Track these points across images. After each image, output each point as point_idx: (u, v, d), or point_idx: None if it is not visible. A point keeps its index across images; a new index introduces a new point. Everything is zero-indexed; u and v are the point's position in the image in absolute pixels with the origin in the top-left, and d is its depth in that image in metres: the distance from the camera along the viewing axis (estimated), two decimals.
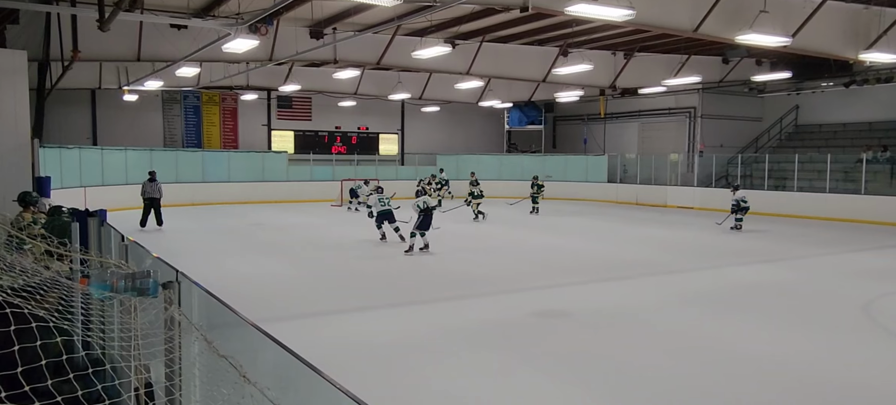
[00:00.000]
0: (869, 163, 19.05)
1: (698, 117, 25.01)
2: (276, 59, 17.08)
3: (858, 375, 5.49)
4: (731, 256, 11.88)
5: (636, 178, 25.65)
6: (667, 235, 15.07)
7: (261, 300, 8.03)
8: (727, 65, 21.51)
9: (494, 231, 15.80)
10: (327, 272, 10.35)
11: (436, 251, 11.97)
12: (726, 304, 8.07)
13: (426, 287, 9.10)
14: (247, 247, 12.89)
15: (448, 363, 5.72)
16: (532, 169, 27.98)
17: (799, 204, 19.60)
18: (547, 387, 5.11)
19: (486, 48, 18.89)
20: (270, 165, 24.99)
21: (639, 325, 7.06)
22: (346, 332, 6.76)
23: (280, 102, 27.30)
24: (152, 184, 15.53)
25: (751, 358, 5.85)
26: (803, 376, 5.42)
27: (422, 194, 13.44)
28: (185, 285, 2.24)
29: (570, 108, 30.10)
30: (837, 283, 9.42)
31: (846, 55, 14.38)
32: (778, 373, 5.46)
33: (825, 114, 23.89)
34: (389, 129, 29.99)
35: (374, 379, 5.28)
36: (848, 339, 6.58)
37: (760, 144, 25.21)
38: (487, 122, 31.91)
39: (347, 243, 13.43)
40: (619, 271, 10.28)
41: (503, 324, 7.07)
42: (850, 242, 13.91)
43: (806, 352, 6.14)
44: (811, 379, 5.36)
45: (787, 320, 7.32)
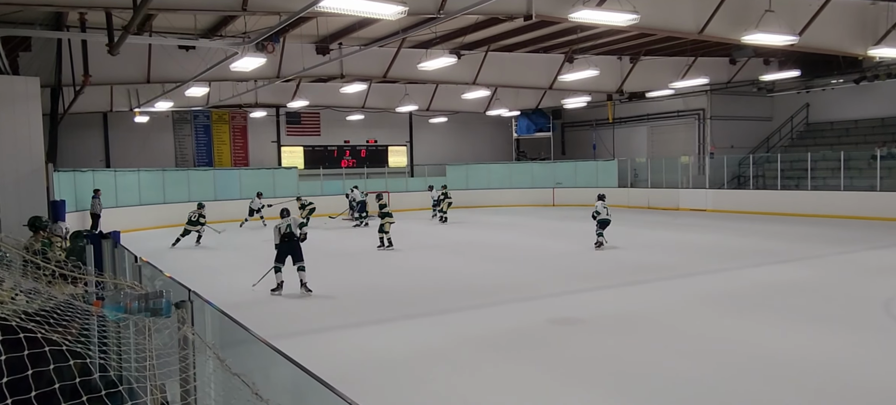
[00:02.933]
0: (883, 159, 18.83)
1: (708, 119, 24.87)
2: (284, 76, 17.23)
3: (883, 375, 5.40)
4: (748, 257, 11.76)
5: (647, 182, 25.52)
6: (681, 238, 14.96)
7: (275, 316, 8.06)
8: (735, 65, 21.42)
9: (506, 239, 15.76)
10: (341, 286, 10.35)
11: (449, 260, 11.96)
12: (745, 306, 7.98)
13: (441, 297, 9.08)
14: (259, 264, 12.93)
15: (468, 373, 5.70)
16: (542, 176, 28.01)
17: (813, 203, 19.40)
18: (564, 394, 5.07)
19: (491, 57, 18.94)
20: (281, 181, 25.12)
21: (659, 329, 7.00)
22: (363, 346, 6.75)
23: (289, 118, 27.50)
24: (95, 200, 17.63)
25: (775, 360, 5.78)
26: (831, 377, 5.34)
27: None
28: (197, 304, 2.25)
29: (578, 114, 30.06)
30: (856, 282, 9.30)
31: (855, 51, 14.26)
32: (804, 375, 5.39)
33: (836, 111, 23.67)
34: (398, 142, 30.09)
35: (392, 392, 5.27)
36: (871, 338, 6.48)
37: (772, 144, 25.01)
38: (496, 131, 31.92)
39: (359, 256, 13.45)
40: (635, 275, 10.20)
41: (521, 332, 7.04)
42: (866, 240, 13.73)
43: (831, 353, 6.05)
44: (838, 380, 5.28)
45: (808, 320, 7.23)
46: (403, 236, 17.38)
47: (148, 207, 21.27)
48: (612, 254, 12.81)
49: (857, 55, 15.11)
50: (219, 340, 2.24)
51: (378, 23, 13.93)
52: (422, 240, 16.45)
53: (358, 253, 14.05)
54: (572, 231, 17.45)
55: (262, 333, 2.07)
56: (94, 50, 13.99)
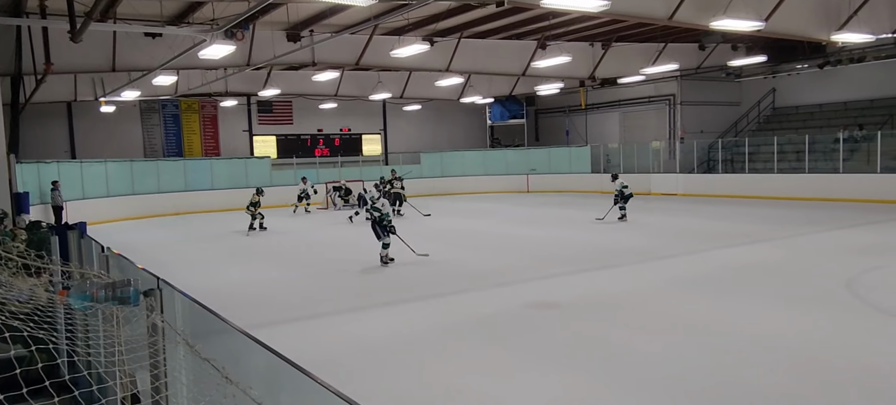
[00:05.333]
0: (845, 142, 19.36)
1: (678, 104, 25.24)
2: (254, 64, 16.97)
3: (850, 351, 5.58)
4: (719, 239, 12.01)
5: (620, 168, 25.80)
6: (654, 222, 15.20)
7: (250, 306, 7.99)
8: (704, 51, 21.74)
9: (481, 225, 15.83)
10: (317, 275, 10.30)
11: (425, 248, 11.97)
12: (718, 286, 8.16)
13: (418, 284, 9.09)
14: (233, 254, 12.80)
15: (447, 358, 5.73)
16: (516, 163, 28.14)
17: (780, 185, 19.87)
18: (547, 377, 5.14)
19: (464, 44, 18.91)
20: (254, 171, 24.78)
21: (637, 312, 7.12)
22: (341, 334, 6.74)
23: (260, 107, 27.11)
24: (55, 192, 17.14)
25: (747, 338, 5.94)
26: (797, 354, 5.49)
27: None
28: (167, 292, 2.22)
29: (551, 101, 30.23)
30: (821, 261, 9.58)
31: (818, 37, 14.59)
32: (773, 352, 5.55)
33: (801, 96, 24.23)
34: (372, 130, 29.93)
35: (372, 377, 5.28)
36: (837, 317, 6.68)
37: (740, 128, 25.50)
38: (470, 119, 31.94)
39: (335, 244, 13.39)
40: (609, 259, 10.35)
41: (500, 318, 7.09)
42: (830, 221, 14.13)
43: (798, 329, 6.23)
44: (805, 356, 5.44)
45: (778, 300, 7.42)
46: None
47: (116, 199, 20.82)
48: (588, 238, 12.97)
49: (821, 41, 15.46)
50: (189, 329, 2.21)
51: (349, 9, 13.79)
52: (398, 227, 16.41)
53: (335, 242, 13.99)
54: (548, 217, 17.61)
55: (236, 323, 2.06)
56: (55, 37, 13.59)
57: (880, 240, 11.42)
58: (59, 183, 17.54)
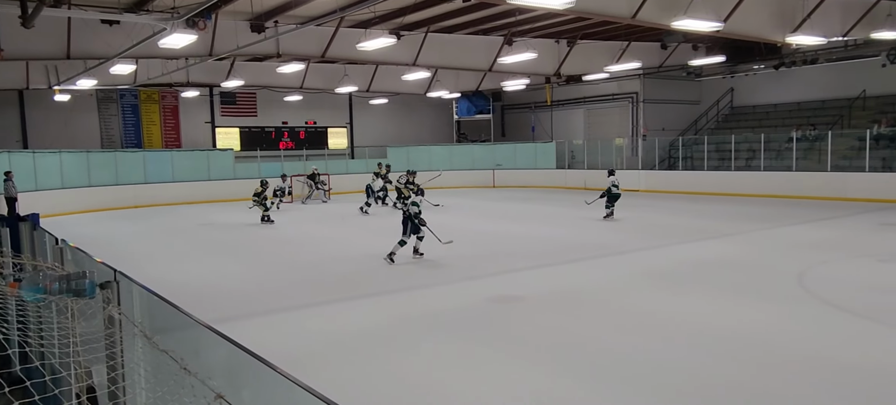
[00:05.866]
0: (799, 141, 20.05)
1: (640, 102, 25.73)
2: (217, 55, 16.62)
3: (803, 344, 5.81)
4: (678, 235, 12.32)
5: (584, 164, 26.21)
6: (617, 217, 15.48)
7: (212, 300, 7.86)
8: (666, 50, 22.19)
9: (447, 220, 15.88)
10: (280, 269, 10.20)
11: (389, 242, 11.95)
12: (677, 281, 8.38)
13: (382, 278, 9.09)
14: (195, 248, 12.56)
15: (409, 352, 5.76)
16: (483, 158, 28.28)
17: (737, 182, 20.47)
18: (507, 370, 5.21)
19: (431, 39, 18.89)
20: (216, 164, 24.32)
21: (599, 306, 7.27)
22: (304, 328, 6.70)
23: (223, 99, 26.59)
24: (8, 183, 16.77)
25: (705, 330, 6.14)
26: (752, 345, 5.70)
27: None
28: (124, 285, 2.19)
29: (517, 97, 30.45)
30: (774, 256, 9.91)
31: (774, 38, 15.06)
32: (728, 343, 5.75)
33: (758, 95, 24.98)
34: (338, 123, 29.66)
35: (336, 371, 5.27)
36: (787, 308, 6.94)
37: (700, 126, 26.15)
38: (437, 113, 31.94)
39: (299, 239, 13.26)
40: (572, 254, 10.52)
41: (462, 311, 7.15)
42: (783, 217, 14.63)
43: (752, 322, 6.45)
44: (759, 347, 5.64)
45: (735, 294, 7.67)
46: (346, 219, 17.25)
47: (72, 191, 20.17)
48: (552, 233, 13.15)
49: (776, 42, 15.97)
50: (148, 322, 2.18)
51: (315, 0, 13.63)
52: (363, 222, 16.37)
53: (300, 237, 13.85)
54: (513, 212, 17.76)
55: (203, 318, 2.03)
56: (6, 22, 13.03)
57: (829, 235, 11.89)
58: (12, 173, 16.92)
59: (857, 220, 13.69)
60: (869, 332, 6.08)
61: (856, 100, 21.69)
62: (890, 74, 20.24)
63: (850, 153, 19.05)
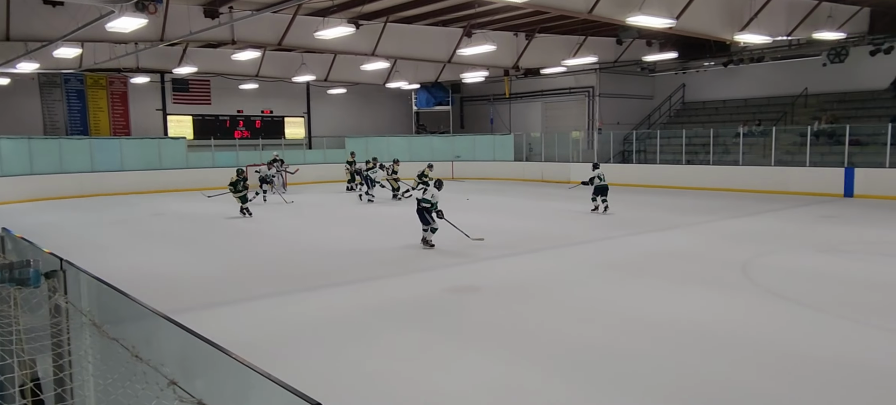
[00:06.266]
0: (745, 136, 20.82)
1: (596, 96, 26.22)
2: (169, 40, 16.12)
3: (745, 329, 6.08)
4: (631, 226, 12.66)
5: (541, 156, 26.58)
6: (571, 209, 15.78)
7: (165, 292, 7.67)
8: (621, 46, 22.63)
9: (405, 211, 15.88)
10: (236, 260, 10.02)
11: (348, 232, 11.92)
12: (629, 271, 8.62)
13: (339, 269, 9.04)
14: (146, 239, 12.21)
15: (367, 341, 5.76)
16: (442, 149, 28.32)
17: (687, 176, 21.11)
18: (465, 359, 5.28)
19: (390, 29, 18.78)
20: (168, 152, 23.64)
21: (555, 296, 7.41)
22: (259, 319, 6.62)
23: (175, 86, 25.82)
24: None
25: (654, 319, 6.35)
26: (701, 332, 5.93)
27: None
28: (71, 274, 2.14)
29: (476, 89, 30.59)
30: (721, 247, 10.29)
31: (723, 36, 15.58)
32: (677, 330, 5.96)
33: (708, 91, 25.79)
34: (295, 113, 29.20)
35: (291, 360, 5.23)
36: (732, 297, 7.24)
37: (653, 121, 26.84)
38: (396, 104, 31.81)
39: (255, 230, 13.04)
40: (528, 245, 10.67)
41: (420, 301, 7.19)
42: (730, 209, 15.19)
43: (699, 310, 6.71)
44: (707, 334, 5.87)
45: (682, 282, 7.95)
46: (302, 209, 17.05)
47: (12, 179, 19.30)
48: (509, 224, 13.30)
49: (725, 40, 16.51)
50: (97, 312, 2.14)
51: None
52: (322, 213, 16.21)
53: (254, 226, 13.62)
54: (470, 203, 17.87)
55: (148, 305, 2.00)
56: None
57: (772, 226, 12.42)
58: None
59: (797, 213, 14.33)
60: (805, 318, 6.40)
61: (798, 97, 22.63)
62: (830, 74, 21.20)
63: (793, 148, 19.90)
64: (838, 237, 11.10)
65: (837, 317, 6.36)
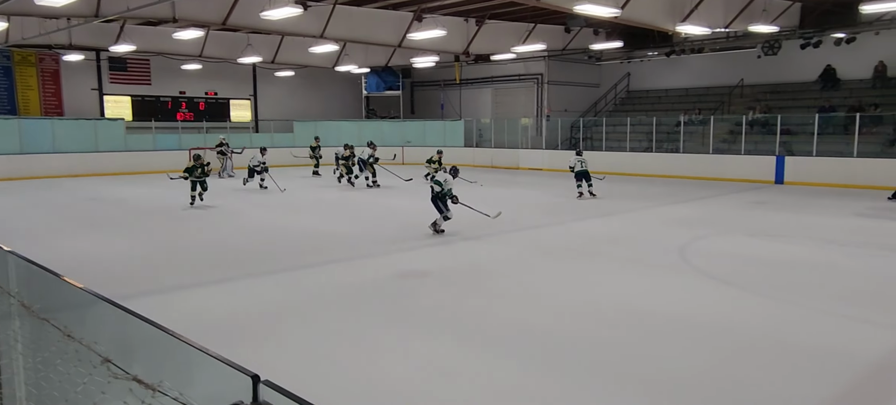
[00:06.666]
0: (686, 125, 21.59)
1: (545, 83, 26.60)
2: (104, 16, 15.42)
3: (679, 308, 6.37)
4: (576, 212, 12.98)
5: (491, 142, 26.82)
6: (520, 195, 16.05)
7: (102, 278, 7.41)
8: (569, 34, 23.03)
9: (355, 196, 15.80)
10: (177, 246, 9.76)
11: (298, 218, 11.77)
12: (572, 255, 8.87)
13: (286, 255, 8.95)
14: (83, 225, 11.72)
15: (315, 327, 5.75)
16: (392, 134, 28.20)
17: (631, 163, 21.75)
18: (410, 343, 5.34)
19: (339, 11, 18.51)
20: (105, 134, 22.67)
21: (496, 280, 7.55)
22: (201, 306, 6.50)
23: (112, 65, 24.69)
24: None
25: (594, 300, 6.58)
26: (639, 312, 6.18)
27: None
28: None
29: (426, 74, 30.52)
30: (660, 232, 10.70)
31: (665, 27, 16.08)
32: (617, 311, 6.19)
33: (652, 81, 26.56)
34: (241, 95, 28.41)
35: (230, 345, 5.15)
36: (669, 279, 7.57)
37: (599, 109, 27.46)
38: (345, 88, 31.40)
39: (199, 215, 12.71)
40: (476, 230, 10.81)
41: (369, 287, 7.20)
42: (670, 195, 15.78)
43: (639, 291, 6.99)
44: (645, 314, 6.13)
45: (622, 265, 8.25)
46: (250, 194, 16.72)
47: None
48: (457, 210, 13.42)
49: (667, 31, 17.05)
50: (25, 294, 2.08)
51: None
52: (269, 198, 15.93)
53: (194, 212, 13.27)
54: (419, 189, 17.89)
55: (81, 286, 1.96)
56: None
57: (708, 212, 12.98)
58: None
59: (732, 199, 15.01)
60: (735, 297, 6.76)
61: (735, 88, 23.60)
62: (764, 65, 22.18)
63: (729, 137, 20.77)
64: (767, 222, 11.71)
65: (763, 297, 6.75)
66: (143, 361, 1.55)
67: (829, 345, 5.22)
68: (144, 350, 1.58)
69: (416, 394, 4.35)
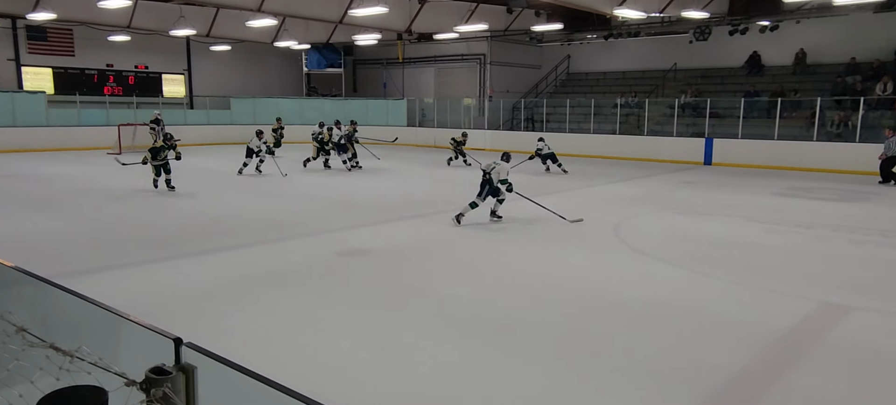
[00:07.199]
0: (622, 107, 22.25)
1: (488, 64, 26.77)
2: None
3: (611, 284, 6.63)
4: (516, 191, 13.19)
5: (434, 122, 26.83)
6: (461, 175, 16.16)
7: (23, 259, 7.02)
8: (511, 14, 23.21)
9: (294, 176, 15.52)
10: (108, 226, 9.37)
11: (232, 199, 11.49)
12: (513, 233, 9.04)
13: (224, 234, 8.74)
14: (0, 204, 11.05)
15: (251, 307, 5.67)
16: (334, 113, 27.72)
17: (570, 144, 22.24)
18: (353, 321, 5.35)
19: None
20: (23, 108, 21.32)
21: (436, 257, 7.64)
22: (136, 287, 6.29)
23: (31, 33, 23.15)
24: None
25: (533, 276, 6.76)
26: (573, 288, 6.39)
27: None
28: None
29: (369, 52, 30.14)
30: (596, 210, 11.05)
31: (603, 10, 16.46)
32: (556, 287, 6.39)
33: (591, 63, 27.17)
34: (174, 69, 27.25)
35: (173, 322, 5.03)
36: (604, 256, 7.86)
37: (540, 90, 27.89)
38: (285, 64, 30.63)
39: (129, 194, 12.20)
40: (419, 209, 10.86)
41: (308, 266, 7.14)
42: (605, 176, 16.28)
43: (574, 267, 7.24)
44: (583, 290, 6.35)
45: (559, 243, 8.49)
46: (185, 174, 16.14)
47: None
48: (399, 188, 13.43)
49: (606, 14, 17.45)
50: None
51: None
52: (207, 178, 15.44)
53: (127, 190, 12.73)
54: (365, 169, 17.77)
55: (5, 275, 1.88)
56: None
57: (642, 191, 13.49)
58: None
59: (664, 179, 15.64)
60: (663, 273, 7.11)
61: (668, 72, 24.46)
62: (696, 50, 23.05)
63: (663, 119, 21.56)
64: (695, 201, 12.28)
65: (688, 271, 7.13)
66: (63, 330, 1.52)
67: (745, 316, 5.58)
68: (64, 319, 1.54)
69: (354, 366, 4.39)
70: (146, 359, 1.20)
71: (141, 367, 1.15)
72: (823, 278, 6.82)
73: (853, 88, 19.00)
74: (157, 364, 1.17)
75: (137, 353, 1.27)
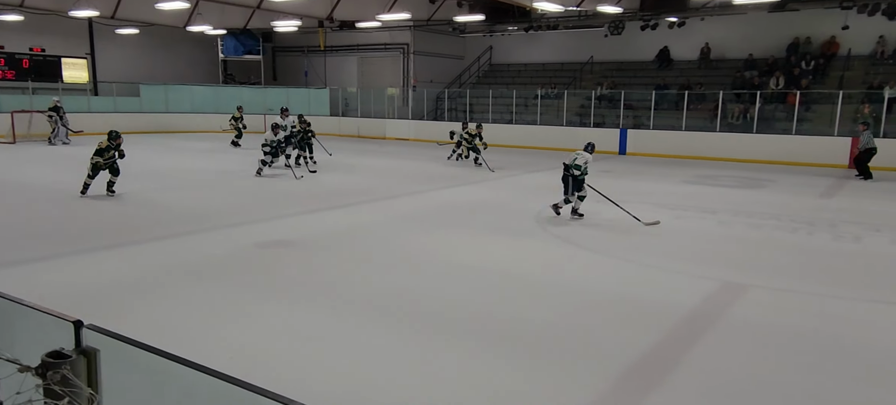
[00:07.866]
0: (542, 98, 22.85)
1: (411, 54, 26.71)
2: None
3: (532, 270, 6.82)
4: (439, 181, 13.30)
5: (358, 112, 26.52)
6: (385, 164, 16.11)
7: None
8: (434, 4, 23.26)
9: (211, 165, 14.92)
10: (10, 219, 8.65)
11: (140, 186, 10.90)
12: (435, 222, 9.12)
13: (142, 226, 8.31)
14: None
15: (170, 300, 5.42)
16: (252, 101, 26.81)
17: (492, 134, 22.51)
18: (279, 312, 5.22)
19: None
20: None
21: (358, 246, 7.57)
22: (52, 280, 5.87)
23: None
24: None
25: (459, 263, 6.85)
26: (498, 273, 6.53)
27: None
28: None
29: (289, 39, 29.33)
30: (518, 199, 11.32)
31: (523, 2, 16.79)
32: (478, 272, 6.49)
33: (513, 55, 27.69)
34: (75, 53, 25.37)
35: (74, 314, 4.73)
36: (526, 243, 8.07)
37: (463, 81, 28.15)
38: (199, 50, 29.27)
39: (36, 185, 11.32)
40: (340, 199, 10.72)
41: (229, 258, 6.91)
42: (525, 165, 16.69)
43: (497, 253, 7.39)
44: (504, 274, 6.49)
45: (482, 230, 8.65)
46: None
47: None
48: (320, 179, 13.19)
49: (526, 6, 17.82)
50: None
51: None
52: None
53: (34, 180, 11.80)
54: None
55: None
56: None
57: (558, 180, 13.91)
58: None
59: None
60: (582, 258, 7.40)
61: (586, 64, 25.33)
62: (611, 44, 24.01)
63: (581, 110, 22.33)
64: (611, 189, 12.80)
65: (604, 256, 7.46)
66: None
67: (655, 296, 5.91)
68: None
69: (274, 357, 4.29)
70: (45, 346, 1.12)
71: (39, 354, 1.08)
72: (725, 259, 7.33)
73: (751, 82, 20.42)
74: (56, 348, 1.11)
75: (36, 337, 1.19)
